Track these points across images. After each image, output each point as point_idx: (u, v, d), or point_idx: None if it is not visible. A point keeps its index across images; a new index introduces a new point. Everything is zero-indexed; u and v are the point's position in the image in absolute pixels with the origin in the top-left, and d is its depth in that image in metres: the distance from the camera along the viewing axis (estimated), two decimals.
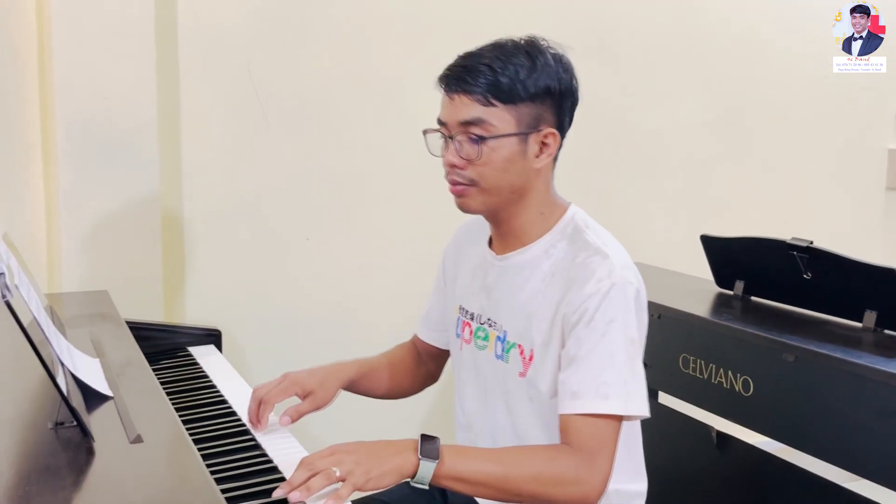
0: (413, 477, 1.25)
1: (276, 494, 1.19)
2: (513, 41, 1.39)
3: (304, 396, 1.50)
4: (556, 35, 1.41)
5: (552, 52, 1.39)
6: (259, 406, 1.48)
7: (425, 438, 1.26)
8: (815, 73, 3.06)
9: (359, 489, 1.21)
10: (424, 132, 1.44)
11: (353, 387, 1.60)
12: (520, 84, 1.34)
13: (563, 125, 1.41)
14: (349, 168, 2.42)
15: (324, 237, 2.41)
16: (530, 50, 1.37)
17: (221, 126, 2.27)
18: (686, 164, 2.91)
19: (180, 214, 2.24)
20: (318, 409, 1.51)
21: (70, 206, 2.01)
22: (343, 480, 1.20)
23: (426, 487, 1.27)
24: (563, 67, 1.39)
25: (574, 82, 1.41)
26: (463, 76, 1.36)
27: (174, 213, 2.23)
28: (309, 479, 1.19)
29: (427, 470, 1.24)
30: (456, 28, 2.46)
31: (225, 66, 2.25)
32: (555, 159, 1.44)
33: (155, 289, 2.13)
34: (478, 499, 1.47)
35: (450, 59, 1.43)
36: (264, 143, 2.31)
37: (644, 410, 1.32)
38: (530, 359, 1.40)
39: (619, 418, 1.30)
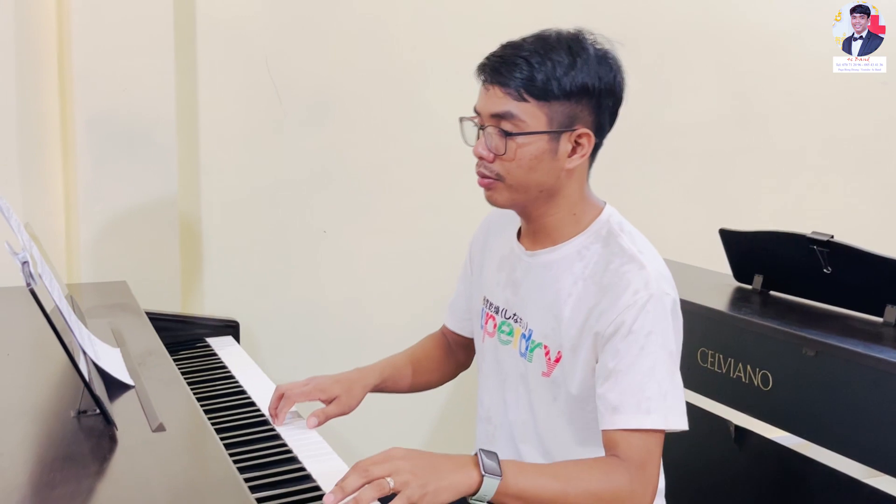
0: (473, 494, 1.19)
1: (326, 501, 1.12)
2: (557, 34, 1.35)
3: (328, 402, 1.49)
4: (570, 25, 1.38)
5: (597, 48, 1.35)
6: (279, 397, 1.49)
7: (485, 453, 1.21)
8: (832, 67, 3.04)
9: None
10: (461, 119, 1.41)
11: (378, 389, 1.58)
12: (555, 81, 1.30)
13: (601, 125, 1.37)
14: (368, 161, 2.41)
15: (341, 230, 2.41)
16: (573, 45, 1.33)
17: (239, 119, 2.26)
18: (703, 157, 2.89)
19: (198, 206, 2.24)
20: (343, 413, 1.50)
21: (89, 198, 2.01)
22: (397, 492, 1.13)
23: None
24: (606, 66, 1.35)
25: (618, 80, 1.36)
26: (499, 68, 1.32)
27: (192, 205, 2.23)
28: (360, 487, 1.13)
29: (490, 487, 1.18)
30: (477, 19, 2.45)
31: (243, 59, 2.25)
32: (592, 159, 1.40)
33: (173, 280, 2.13)
34: None
35: (471, 50, 1.42)
36: (282, 135, 2.31)
37: (683, 424, 1.29)
38: (556, 360, 1.39)
39: (662, 432, 1.29)
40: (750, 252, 2.13)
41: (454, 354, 1.71)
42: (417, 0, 2.42)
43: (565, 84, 1.31)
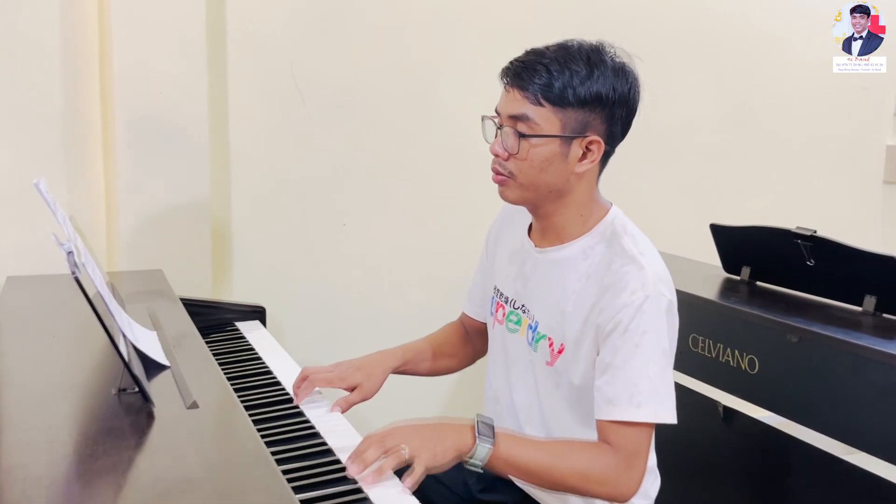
0: (468, 456, 1.23)
1: (350, 473, 1.18)
2: (579, 44, 1.32)
3: (349, 390, 1.49)
4: (572, 35, 1.36)
5: (615, 60, 1.32)
6: (303, 378, 1.48)
7: (481, 420, 1.25)
8: (818, 72, 3.02)
9: (428, 470, 1.19)
10: (483, 118, 1.39)
11: (399, 371, 1.58)
12: (571, 89, 1.28)
13: (613, 134, 1.34)
14: (384, 158, 2.41)
15: (360, 222, 2.41)
16: (592, 56, 1.30)
17: (266, 118, 2.27)
18: (697, 157, 2.88)
19: (228, 200, 2.24)
20: (365, 399, 1.50)
21: (128, 192, 2.02)
22: (412, 460, 1.18)
23: (480, 470, 1.25)
24: (622, 77, 1.32)
25: (632, 93, 1.33)
26: (520, 72, 1.31)
27: (222, 198, 2.23)
28: (379, 456, 1.18)
29: (483, 451, 1.22)
30: (483, 28, 2.44)
31: (269, 64, 2.25)
32: (603, 164, 1.38)
33: (204, 269, 2.14)
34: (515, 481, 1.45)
35: (481, 55, 1.41)
36: (305, 134, 2.31)
37: (672, 419, 1.29)
38: (559, 352, 1.38)
39: (652, 425, 1.29)
40: (738, 245, 2.12)
41: (472, 341, 1.69)
42: (430, 10, 2.41)
43: (580, 93, 1.29)
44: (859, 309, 1.84)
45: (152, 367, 1.30)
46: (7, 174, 1.96)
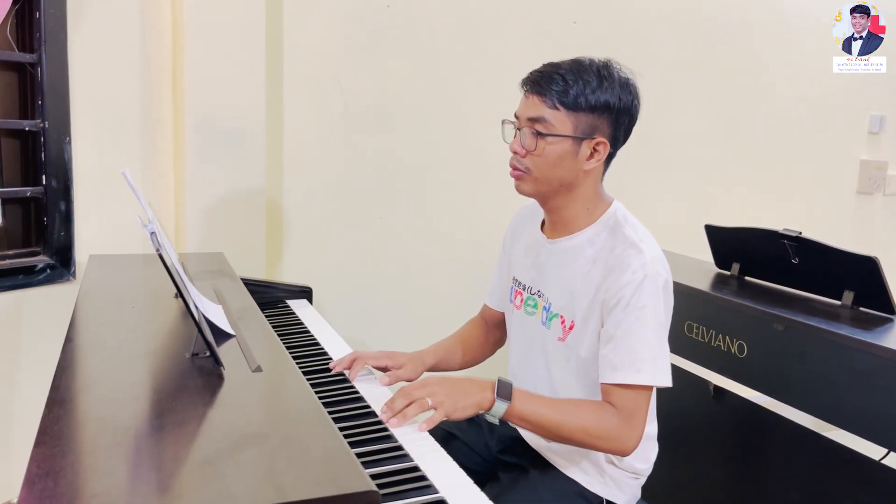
0: (487, 411, 1.25)
1: (382, 418, 1.22)
2: (591, 60, 1.34)
3: (395, 369, 1.49)
4: (582, 54, 1.37)
5: (621, 75, 1.33)
6: (353, 360, 1.47)
7: (501, 381, 1.26)
8: (802, 94, 3.00)
9: (447, 417, 1.22)
10: (503, 122, 1.40)
11: (433, 368, 1.57)
12: (583, 97, 1.29)
13: (616, 138, 1.35)
14: (416, 161, 2.41)
15: (395, 216, 2.41)
16: (602, 70, 1.32)
17: (315, 125, 2.26)
18: (694, 165, 2.86)
19: (280, 195, 2.24)
20: (410, 379, 1.49)
21: (194, 185, 2.03)
22: (435, 409, 1.21)
23: (497, 422, 1.27)
24: (626, 90, 1.33)
25: (635, 104, 1.35)
26: (539, 81, 1.32)
27: (276, 193, 2.23)
28: (406, 406, 1.21)
29: (500, 408, 1.24)
30: (503, 51, 2.44)
31: (319, 77, 2.24)
32: (607, 164, 1.38)
33: (259, 253, 2.14)
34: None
35: (497, 75, 1.41)
36: (348, 139, 2.31)
37: (668, 381, 1.29)
38: (570, 328, 1.38)
39: (650, 387, 1.29)
40: (730, 244, 2.10)
41: (492, 333, 1.69)
42: (457, 35, 2.40)
43: (591, 100, 1.30)
44: (838, 302, 1.82)
45: (218, 336, 1.30)
46: (91, 169, 1.97)
